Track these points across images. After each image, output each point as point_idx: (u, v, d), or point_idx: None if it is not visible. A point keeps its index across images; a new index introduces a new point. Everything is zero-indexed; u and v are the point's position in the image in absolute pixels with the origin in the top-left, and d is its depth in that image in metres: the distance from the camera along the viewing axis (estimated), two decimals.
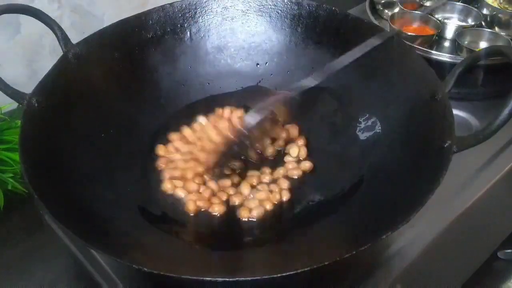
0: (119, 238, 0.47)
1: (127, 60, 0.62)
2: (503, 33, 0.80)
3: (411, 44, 0.75)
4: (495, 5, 0.85)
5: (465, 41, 0.79)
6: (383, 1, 0.89)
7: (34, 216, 0.56)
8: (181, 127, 0.60)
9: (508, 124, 0.45)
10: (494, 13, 0.83)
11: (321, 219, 0.52)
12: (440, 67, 0.71)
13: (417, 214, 0.42)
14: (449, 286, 0.70)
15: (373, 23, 0.80)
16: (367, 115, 0.59)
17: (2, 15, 0.54)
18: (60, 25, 0.57)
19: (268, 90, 0.65)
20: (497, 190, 0.63)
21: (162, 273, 0.39)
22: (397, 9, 0.86)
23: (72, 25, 0.73)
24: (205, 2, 0.65)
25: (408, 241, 0.54)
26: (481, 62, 0.58)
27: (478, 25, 0.82)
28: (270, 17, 0.66)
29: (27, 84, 0.53)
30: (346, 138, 0.59)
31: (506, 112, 0.44)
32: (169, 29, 0.64)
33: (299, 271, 0.39)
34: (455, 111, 0.51)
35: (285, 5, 0.65)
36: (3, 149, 0.59)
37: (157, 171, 0.57)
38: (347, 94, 0.62)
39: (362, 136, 0.58)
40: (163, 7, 0.64)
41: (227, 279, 0.39)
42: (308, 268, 0.39)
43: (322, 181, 0.56)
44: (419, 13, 0.83)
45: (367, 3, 0.89)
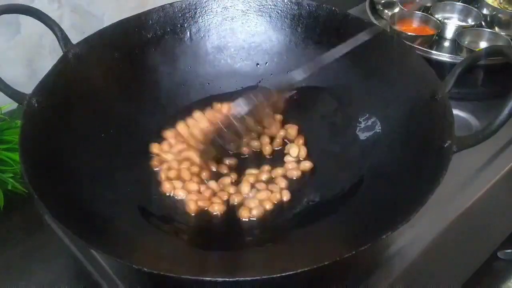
0: (119, 238, 0.47)
1: (127, 60, 0.62)
2: (503, 33, 0.80)
3: (411, 44, 0.75)
4: (495, 5, 0.85)
5: (465, 41, 0.79)
6: (383, 1, 0.89)
7: (34, 216, 0.56)
8: (176, 123, 0.60)
9: (508, 124, 0.45)
10: (494, 13, 0.83)
11: (321, 219, 0.52)
12: (440, 67, 0.71)
13: (417, 214, 0.42)
14: (449, 286, 0.70)
15: (373, 23, 0.80)
16: (367, 115, 0.59)
17: (2, 15, 0.54)
18: (60, 25, 0.57)
19: (268, 90, 0.65)
20: (497, 190, 0.63)
21: (162, 273, 0.39)
22: (397, 9, 0.86)
23: (72, 25, 0.73)
24: (205, 2, 0.65)
25: (408, 241, 0.54)
26: (481, 62, 0.58)
27: (478, 25, 0.82)
28: (270, 17, 0.66)
29: (27, 84, 0.53)
30: (346, 138, 0.59)
31: (506, 112, 0.44)
32: (169, 29, 0.64)
33: (299, 271, 0.39)
34: (455, 111, 0.51)
35: (285, 5, 0.65)
36: (3, 149, 0.59)
37: (157, 171, 0.57)
38: (347, 94, 0.62)
39: (362, 136, 0.58)
40: (163, 7, 0.64)
41: (227, 279, 0.39)
42: (308, 268, 0.39)
43: (322, 181, 0.56)
44: (419, 13, 0.83)
45: (367, 3, 0.89)
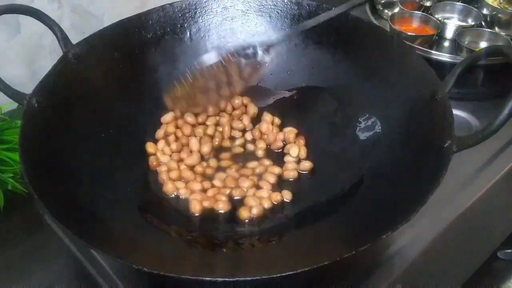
0: (119, 238, 0.47)
1: (127, 60, 0.62)
2: (503, 33, 0.80)
3: (411, 44, 0.75)
4: (495, 5, 0.84)
5: (465, 41, 0.79)
6: (383, 1, 0.89)
7: (34, 216, 0.56)
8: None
9: (508, 124, 0.45)
10: (494, 13, 0.83)
11: (321, 219, 0.52)
12: (440, 67, 0.71)
13: (417, 214, 0.42)
14: (449, 286, 0.70)
15: (373, 23, 0.80)
16: (367, 115, 0.59)
17: (2, 15, 0.54)
18: (60, 25, 0.57)
19: (268, 90, 0.65)
20: (497, 190, 0.63)
21: (162, 273, 0.39)
22: (397, 9, 0.86)
23: (72, 25, 0.73)
24: (205, 2, 0.65)
25: (408, 241, 0.54)
26: (481, 62, 0.58)
27: (478, 25, 0.82)
28: (270, 17, 0.66)
29: (27, 84, 0.54)
30: (346, 138, 0.59)
31: (506, 112, 0.44)
32: (169, 29, 0.64)
33: (299, 271, 0.39)
34: (455, 111, 0.51)
35: (285, 5, 0.65)
36: (3, 149, 0.59)
37: (157, 171, 0.57)
38: (347, 94, 0.62)
39: (362, 136, 0.58)
40: (163, 7, 0.64)
41: (227, 279, 0.39)
42: (308, 268, 0.39)
43: (322, 181, 0.56)
44: (419, 13, 0.83)
45: (367, 3, 0.89)
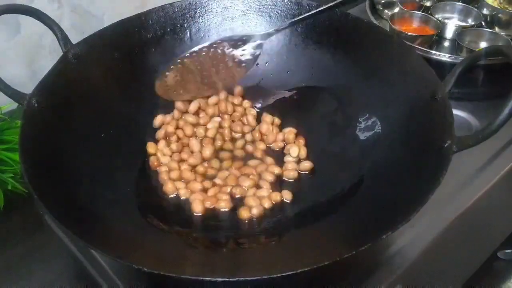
0: (119, 238, 0.47)
1: (127, 60, 0.62)
2: (503, 33, 0.80)
3: (411, 44, 0.75)
4: (495, 5, 0.84)
5: (465, 41, 0.79)
6: (383, 1, 0.89)
7: (34, 216, 0.56)
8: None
9: (508, 124, 0.45)
10: (494, 13, 0.83)
11: (321, 219, 0.52)
12: (440, 67, 0.70)
13: (417, 214, 0.42)
14: (449, 286, 0.70)
15: (373, 23, 0.80)
16: (367, 115, 0.59)
17: (2, 15, 0.54)
18: (60, 25, 0.57)
19: (268, 90, 0.65)
20: (497, 190, 0.63)
21: (162, 273, 0.39)
22: (397, 9, 0.86)
23: (72, 25, 0.73)
24: (205, 2, 0.65)
25: (408, 241, 0.54)
26: (481, 62, 0.58)
27: (478, 25, 0.82)
28: (270, 17, 0.66)
29: (27, 84, 0.54)
30: (346, 138, 0.59)
31: (506, 112, 0.44)
32: (169, 29, 0.64)
33: (299, 271, 0.39)
34: (455, 111, 0.51)
35: (285, 5, 0.65)
36: (3, 149, 0.59)
37: (158, 171, 0.57)
38: (347, 94, 0.62)
39: (362, 136, 0.58)
40: (163, 7, 0.64)
41: (227, 279, 0.39)
42: (308, 268, 0.39)
43: (322, 181, 0.56)
44: (419, 13, 0.83)
45: (367, 3, 0.89)
